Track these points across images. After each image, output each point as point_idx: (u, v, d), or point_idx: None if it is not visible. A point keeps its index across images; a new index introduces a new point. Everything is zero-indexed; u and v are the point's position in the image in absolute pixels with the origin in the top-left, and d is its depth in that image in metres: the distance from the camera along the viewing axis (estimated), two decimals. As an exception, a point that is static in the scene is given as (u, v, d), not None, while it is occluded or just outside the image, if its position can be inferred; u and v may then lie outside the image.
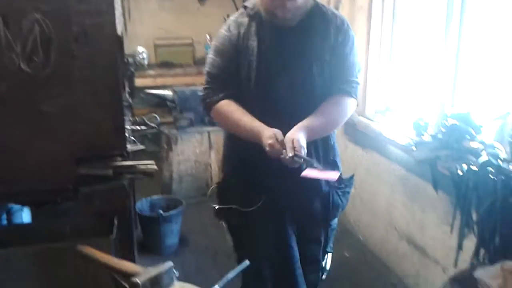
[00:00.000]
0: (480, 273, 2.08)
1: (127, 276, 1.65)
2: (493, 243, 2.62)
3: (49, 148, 2.36)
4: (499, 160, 2.63)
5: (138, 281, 1.57)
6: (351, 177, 2.62)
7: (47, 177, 2.38)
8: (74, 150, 2.40)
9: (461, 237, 2.93)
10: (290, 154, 1.99)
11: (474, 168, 2.68)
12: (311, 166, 2.03)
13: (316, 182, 2.29)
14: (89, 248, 1.89)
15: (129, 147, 2.83)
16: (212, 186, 2.60)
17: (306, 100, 2.24)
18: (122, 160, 2.63)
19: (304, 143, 2.05)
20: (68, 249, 2.18)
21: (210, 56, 2.30)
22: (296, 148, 2.00)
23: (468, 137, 2.93)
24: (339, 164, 2.54)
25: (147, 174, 2.67)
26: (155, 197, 4.68)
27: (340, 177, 2.47)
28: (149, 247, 4.39)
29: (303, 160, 2.02)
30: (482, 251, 2.62)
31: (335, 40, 2.23)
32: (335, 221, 2.60)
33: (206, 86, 2.31)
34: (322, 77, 2.23)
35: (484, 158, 2.68)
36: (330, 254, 2.69)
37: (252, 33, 2.20)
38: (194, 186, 5.47)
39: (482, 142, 2.88)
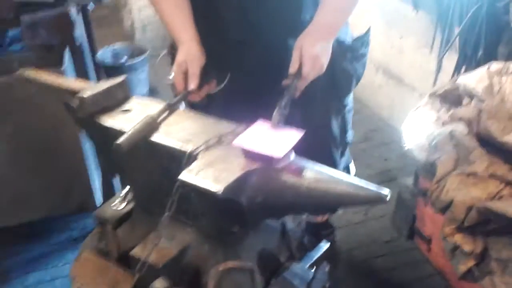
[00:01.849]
0: (463, 79, 1.95)
1: (76, 94, 1.45)
2: (475, 58, 2.48)
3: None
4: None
5: (84, 96, 1.38)
6: (367, 34, 1.79)
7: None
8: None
9: (441, 56, 2.78)
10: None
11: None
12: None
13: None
14: (36, 71, 1.66)
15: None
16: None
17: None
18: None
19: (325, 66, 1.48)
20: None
21: None
22: (316, 72, 1.45)
23: None
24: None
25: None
26: (117, 44, 4.35)
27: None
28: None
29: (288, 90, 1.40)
30: (463, 69, 2.48)
31: None
32: (351, 98, 1.88)
33: None
34: None
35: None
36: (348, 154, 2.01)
37: None
38: (159, 34, 5.10)
39: None
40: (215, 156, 1.20)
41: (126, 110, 1.43)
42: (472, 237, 1.71)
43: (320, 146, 1.72)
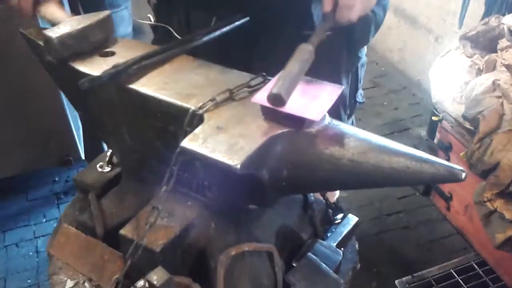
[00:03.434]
0: (509, 19, 1.65)
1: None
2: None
3: None
4: None
5: (52, 35, 1.07)
6: None
7: None
8: None
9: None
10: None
11: None
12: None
13: None
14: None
15: None
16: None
17: None
18: None
19: None
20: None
21: None
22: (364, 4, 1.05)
23: None
24: None
25: None
26: (98, -23, 3.92)
27: None
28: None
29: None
30: (498, 3, 2.17)
31: None
32: (365, 50, 1.55)
33: None
34: None
35: None
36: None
37: None
38: (144, -33, 4.66)
39: None
40: (227, 117, 0.92)
41: (107, 52, 1.13)
42: (515, 204, 1.49)
43: None
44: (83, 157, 2.43)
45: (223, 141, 0.85)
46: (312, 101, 0.91)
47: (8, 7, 1.19)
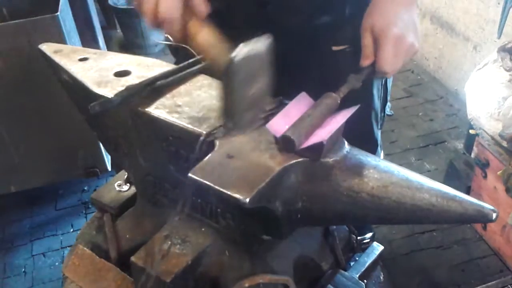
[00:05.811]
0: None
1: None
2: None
3: None
4: None
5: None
6: None
7: None
8: None
9: (508, 2, 2.33)
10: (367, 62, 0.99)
11: None
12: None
13: None
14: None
15: None
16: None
17: None
18: None
19: None
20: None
21: None
22: (403, 57, 0.99)
23: None
24: None
25: None
26: (131, -14, 3.96)
27: None
28: (131, 45, 3.83)
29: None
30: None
31: None
32: None
33: None
34: None
35: None
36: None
37: None
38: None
39: None
40: (239, 144, 0.87)
41: (122, 72, 1.11)
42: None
43: (360, 123, 1.16)
44: (109, 168, 2.43)
45: (232, 172, 0.80)
46: (323, 128, 0.85)
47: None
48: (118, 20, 3.82)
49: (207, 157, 0.84)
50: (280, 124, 0.85)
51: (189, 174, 0.81)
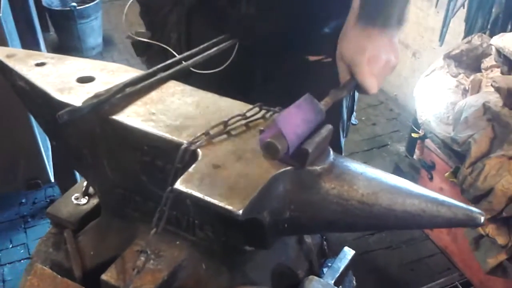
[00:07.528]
0: (498, 41, 1.63)
1: None
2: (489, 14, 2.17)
3: None
4: None
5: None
6: None
7: None
8: None
9: (453, 10, 2.42)
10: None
11: None
12: None
13: None
14: None
15: None
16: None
17: None
18: None
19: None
20: None
21: None
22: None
23: None
24: None
25: None
26: (66, -14, 3.79)
27: None
28: (67, 48, 3.66)
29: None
30: (479, 21, 2.16)
31: None
32: None
33: None
34: None
35: None
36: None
37: None
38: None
39: None
40: (224, 153, 0.84)
41: (84, 78, 1.05)
42: (507, 229, 1.46)
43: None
44: (52, 179, 2.29)
45: (222, 182, 0.77)
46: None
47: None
48: (53, 22, 3.65)
49: (191, 168, 0.81)
50: (266, 129, 0.83)
51: (176, 186, 0.77)
